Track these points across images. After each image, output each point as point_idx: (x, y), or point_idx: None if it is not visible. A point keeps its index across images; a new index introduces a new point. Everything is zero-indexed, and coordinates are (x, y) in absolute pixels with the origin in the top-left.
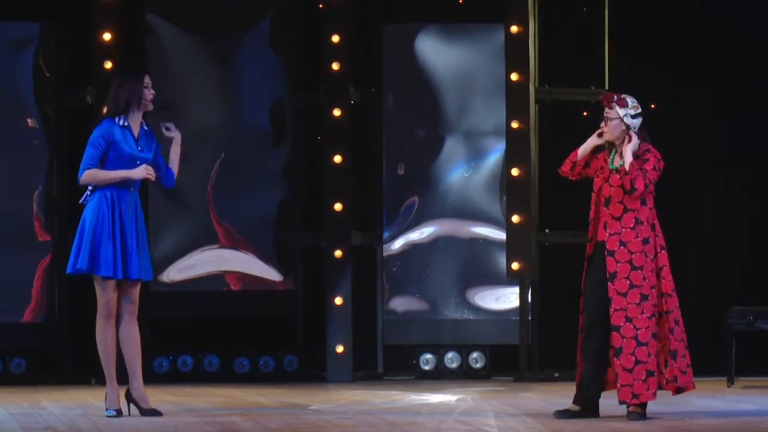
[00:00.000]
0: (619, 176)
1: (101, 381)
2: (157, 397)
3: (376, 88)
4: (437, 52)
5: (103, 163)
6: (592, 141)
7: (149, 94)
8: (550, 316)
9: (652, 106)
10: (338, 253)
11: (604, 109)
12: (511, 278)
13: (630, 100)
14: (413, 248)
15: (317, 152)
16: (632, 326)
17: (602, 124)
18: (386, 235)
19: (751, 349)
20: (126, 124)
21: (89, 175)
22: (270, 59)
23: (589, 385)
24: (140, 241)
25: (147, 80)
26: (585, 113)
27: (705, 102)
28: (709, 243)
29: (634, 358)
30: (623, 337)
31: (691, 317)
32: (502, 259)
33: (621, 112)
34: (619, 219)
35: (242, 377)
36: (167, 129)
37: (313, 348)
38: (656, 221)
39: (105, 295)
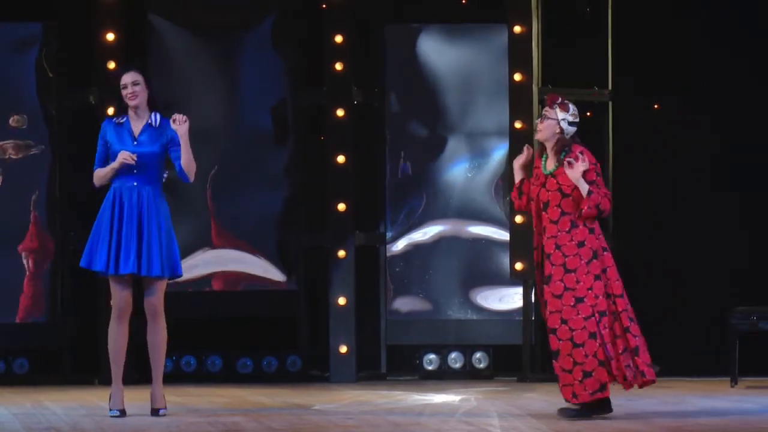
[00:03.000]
0: (555, 181)
1: (104, 381)
2: None
3: (378, 88)
4: (440, 52)
5: (108, 163)
6: (518, 163)
7: (126, 93)
8: None
9: (656, 106)
10: (341, 253)
11: (544, 108)
12: (514, 278)
13: (572, 108)
14: (416, 248)
15: (320, 152)
16: (568, 328)
17: (537, 121)
18: (389, 235)
19: (754, 349)
20: (122, 121)
21: (95, 176)
22: (272, 59)
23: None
24: (150, 236)
25: (124, 79)
26: (588, 113)
27: (708, 101)
28: (711, 243)
29: (572, 359)
30: (559, 339)
31: (694, 317)
32: (505, 260)
33: (560, 115)
34: (556, 222)
35: (245, 377)
36: (173, 121)
37: (317, 348)
38: (594, 224)
39: (113, 293)
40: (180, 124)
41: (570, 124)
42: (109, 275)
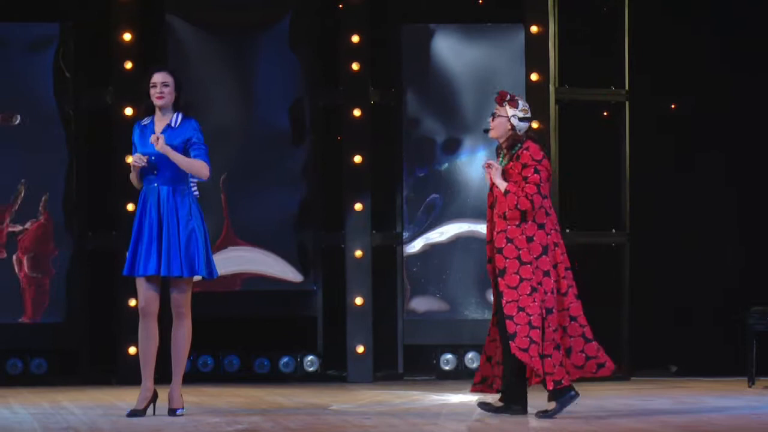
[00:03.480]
0: (504, 177)
1: (121, 381)
2: None
3: (395, 88)
4: (456, 52)
5: None
6: (495, 179)
7: (154, 93)
8: None
9: (672, 106)
10: (358, 253)
11: (495, 106)
12: None
13: (522, 103)
14: (433, 248)
15: (337, 152)
16: (525, 314)
17: (490, 119)
18: (406, 235)
19: None
20: (146, 123)
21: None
22: (289, 59)
23: (511, 379)
24: (170, 236)
25: (154, 79)
26: (605, 113)
27: (723, 100)
28: (727, 242)
29: (529, 339)
30: (516, 324)
31: (711, 317)
32: None
33: (510, 111)
34: (504, 217)
35: (263, 377)
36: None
37: (334, 348)
38: (545, 219)
39: (138, 294)
40: (155, 144)
41: (521, 119)
42: (133, 276)
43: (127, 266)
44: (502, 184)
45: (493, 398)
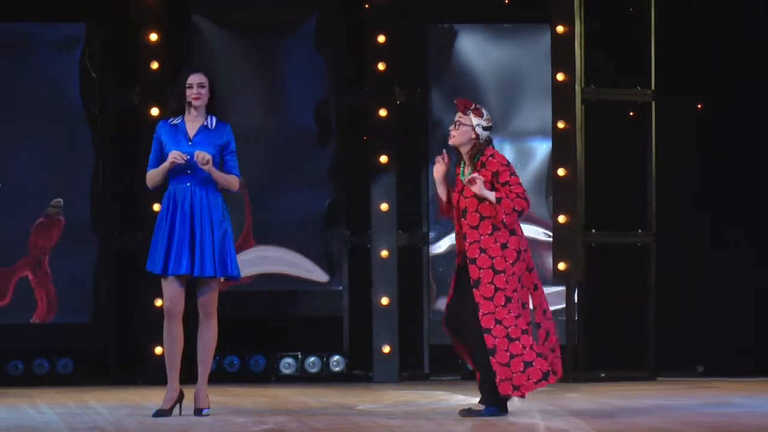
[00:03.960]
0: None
1: (148, 381)
2: None
3: (421, 88)
4: (482, 52)
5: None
6: (437, 175)
7: (190, 93)
8: (597, 316)
9: (699, 106)
10: (384, 253)
11: (456, 113)
12: (557, 279)
13: (485, 112)
14: None
15: (363, 152)
16: (502, 327)
17: (451, 128)
18: (432, 235)
19: None
20: (176, 122)
21: (147, 177)
22: (315, 59)
23: (490, 384)
24: (203, 236)
25: (191, 79)
26: (631, 113)
27: (748, 101)
28: (754, 241)
29: (509, 353)
30: (495, 338)
31: (738, 317)
32: (548, 260)
33: (474, 120)
34: (476, 227)
35: (288, 377)
36: (196, 158)
37: (360, 348)
38: (516, 225)
39: (164, 294)
40: (201, 165)
41: (484, 128)
42: (163, 277)
43: (158, 265)
44: (491, 195)
45: (471, 404)
